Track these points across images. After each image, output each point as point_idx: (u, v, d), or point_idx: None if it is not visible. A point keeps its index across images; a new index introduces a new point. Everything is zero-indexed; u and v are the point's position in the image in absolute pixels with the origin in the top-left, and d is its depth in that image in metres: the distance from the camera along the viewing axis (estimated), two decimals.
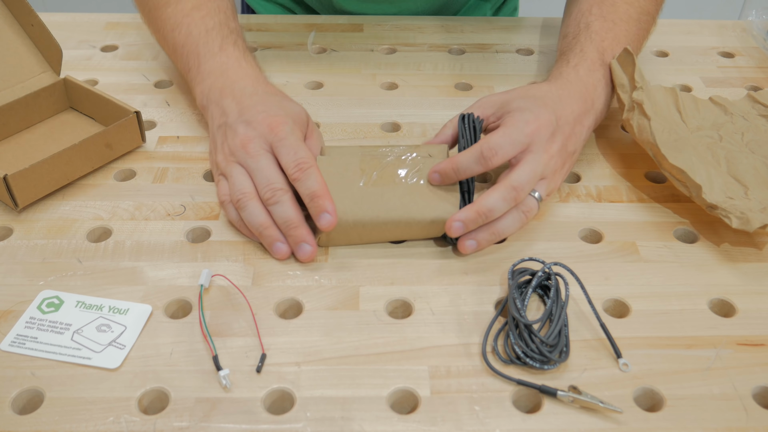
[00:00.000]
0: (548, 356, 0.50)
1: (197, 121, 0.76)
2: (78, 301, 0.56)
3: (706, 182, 0.62)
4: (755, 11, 0.95)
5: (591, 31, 0.73)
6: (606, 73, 0.70)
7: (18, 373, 0.50)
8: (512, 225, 0.60)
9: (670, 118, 0.71)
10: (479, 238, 0.59)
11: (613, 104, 0.74)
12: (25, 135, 0.72)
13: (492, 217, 0.58)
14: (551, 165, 0.61)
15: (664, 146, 0.64)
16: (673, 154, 0.64)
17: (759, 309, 0.57)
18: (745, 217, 0.58)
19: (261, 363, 0.51)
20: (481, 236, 0.59)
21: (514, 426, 0.48)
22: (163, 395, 0.50)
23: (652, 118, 0.66)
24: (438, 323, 0.55)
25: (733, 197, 0.62)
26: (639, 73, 0.69)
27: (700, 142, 0.69)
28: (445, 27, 0.95)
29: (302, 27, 0.94)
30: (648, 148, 0.66)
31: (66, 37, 0.90)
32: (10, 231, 0.62)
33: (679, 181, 0.63)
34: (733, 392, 0.50)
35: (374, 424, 0.48)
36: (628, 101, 0.69)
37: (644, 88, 0.69)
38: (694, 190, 0.62)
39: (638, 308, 0.56)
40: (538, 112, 0.61)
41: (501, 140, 0.59)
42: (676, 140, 0.67)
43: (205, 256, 0.60)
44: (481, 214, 0.57)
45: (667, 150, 0.64)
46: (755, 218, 0.58)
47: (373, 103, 0.80)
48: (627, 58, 0.71)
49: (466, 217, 0.57)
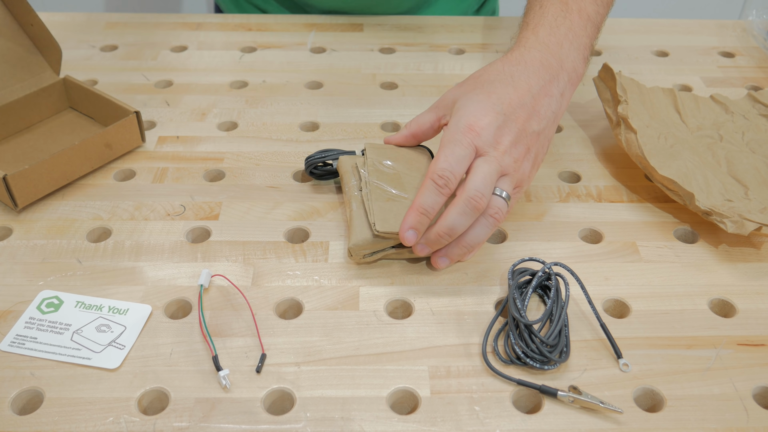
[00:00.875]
0: (548, 356, 0.50)
1: (197, 121, 0.76)
2: (78, 301, 0.56)
3: (702, 187, 0.62)
4: (755, 11, 0.95)
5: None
6: (573, 24, 0.65)
7: (17, 373, 0.50)
8: (482, 233, 0.57)
9: (668, 121, 0.71)
10: (451, 254, 0.57)
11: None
12: (25, 135, 0.72)
13: (456, 234, 0.55)
14: (507, 160, 0.57)
15: (655, 157, 0.64)
16: (666, 163, 0.64)
17: (759, 309, 0.56)
18: (740, 222, 0.59)
19: (261, 363, 0.51)
20: (452, 252, 0.57)
21: (514, 426, 0.48)
22: (162, 395, 0.49)
23: (639, 131, 0.66)
24: (438, 323, 0.55)
25: (732, 199, 0.62)
26: (621, 87, 0.69)
27: (699, 142, 0.69)
28: (445, 27, 0.95)
29: (302, 27, 0.94)
30: (637, 161, 0.66)
31: (65, 37, 0.90)
32: (9, 231, 0.62)
33: (672, 191, 0.63)
34: (733, 392, 0.50)
35: (374, 424, 0.48)
36: (615, 116, 0.69)
37: (630, 99, 0.69)
38: (687, 198, 0.62)
39: (638, 308, 0.56)
40: (478, 112, 0.57)
41: (445, 163, 0.55)
42: (672, 145, 0.67)
43: (204, 256, 0.60)
44: (443, 234, 0.55)
45: (659, 160, 0.64)
46: (750, 222, 0.58)
47: (373, 103, 0.80)
48: (607, 73, 0.71)
49: (428, 239, 0.56)
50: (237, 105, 0.79)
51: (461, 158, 0.55)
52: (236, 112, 0.78)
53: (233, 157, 0.71)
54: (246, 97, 0.81)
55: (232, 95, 0.81)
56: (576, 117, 0.78)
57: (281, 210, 0.65)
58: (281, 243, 0.61)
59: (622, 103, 0.68)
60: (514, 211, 0.65)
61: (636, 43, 0.93)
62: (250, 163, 0.70)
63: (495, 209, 0.56)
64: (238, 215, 0.64)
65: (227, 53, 0.89)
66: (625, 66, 0.88)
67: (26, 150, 0.70)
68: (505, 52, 0.65)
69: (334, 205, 0.65)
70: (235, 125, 0.76)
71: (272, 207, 0.65)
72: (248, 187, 0.68)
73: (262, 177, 0.69)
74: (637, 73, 0.86)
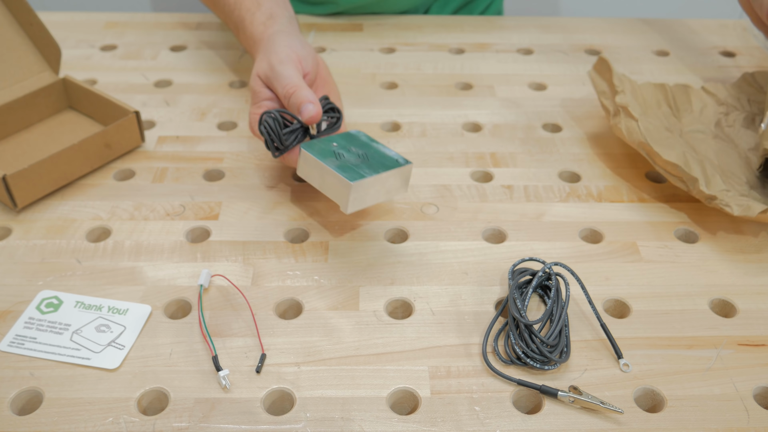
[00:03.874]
0: (549, 356, 0.50)
1: (197, 121, 0.76)
2: (77, 301, 0.55)
3: (702, 175, 0.62)
4: None
5: None
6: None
7: (17, 373, 0.50)
8: None
9: (661, 116, 0.71)
10: None
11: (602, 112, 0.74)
12: (24, 135, 0.72)
13: None
14: None
15: (656, 143, 0.64)
16: (666, 151, 0.64)
17: (759, 309, 0.56)
18: (746, 204, 0.58)
19: (261, 363, 0.51)
20: None
21: (514, 426, 0.48)
22: (162, 396, 0.49)
23: (639, 119, 0.66)
24: (438, 323, 0.55)
25: (729, 189, 0.62)
26: (618, 78, 0.69)
27: (692, 138, 0.69)
28: (445, 27, 0.95)
29: (302, 27, 0.94)
30: (640, 148, 0.66)
31: (65, 37, 0.90)
32: (9, 231, 0.62)
33: (675, 177, 0.63)
34: (733, 392, 0.50)
35: (374, 424, 0.47)
36: (612, 106, 0.69)
37: (626, 90, 0.69)
38: (690, 183, 0.62)
39: (639, 308, 0.56)
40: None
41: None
42: (667, 138, 0.67)
43: (204, 256, 0.60)
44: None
45: (660, 147, 0.64)
46: (756, 204, 0.58)
47: (373, 103, 0.80)
48: (603, 65, 0.71)
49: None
50: (237, 105, 0.79)
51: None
52: (236, 112, 0.78)
53: (233, 157, 0.71)
54: (246, 97, 0.80)
55: (232, 95, 0.81)
56: (573, 114, 0.78)
57: (281, 210, 0.65)
58: (281, 243, 0.61)
59: (620, 93, 0.68)
60: (514, 211, 0.65)
61: (636, 43, 0.93)
62: (249, 163, 0.70)
63: None
64: (238, 215, 0.64)
65: (227, 53, 0.89)
66: (625, 66, 0.88)
67: (26, 150, 0.70)
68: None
69: (334, 205, 0.65)
70: (235, 125, 0.76)
71: (272, 207, 0.65)
72: (248, 187, 0.67)
73: (262, 177, 0.69)
74: (637, 72, 0.86)
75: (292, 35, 0.69)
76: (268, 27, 0.70)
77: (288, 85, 0.63)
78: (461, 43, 0.91)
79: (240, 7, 0.73)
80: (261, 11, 0.72)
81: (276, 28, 0.70)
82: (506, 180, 0.69)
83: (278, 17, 0.71)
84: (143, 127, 0.71)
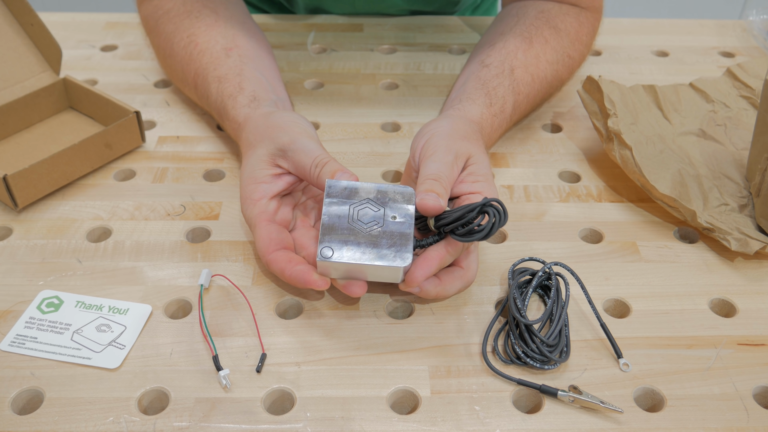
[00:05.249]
0: (548, 356, 0.50)
1: (197, 121, 0.76)
2: (78, 301, 0.56)
3: (698, 196, 0.63)
4: (755, 11, 0.95)
5: (515, 79, 0.70)
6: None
7: (17, 373, 0.50)
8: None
9: (652, 120, 0.70)
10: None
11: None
12: (25, 135, 0.72)
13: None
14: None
15: (652, 171, 0.64)
16: (661, 175, 0.63)
17: (759, 309, 0.56)
18: (744, 240, 0.59)
19: (261, 363, 0.51)
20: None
21: (514, 426, 0.48)
22: (162, 395, 0.49)
23: (633, 146, 0.65)
24: (438, 323, 0.55)
25: (728, 202, 0.62)
26: (608, 99, 0.68)
27: (685, 140, 0.69)
28: (445, 27, 0.95)
29: (302, 27, 0.94)
30: (635, 179, 0.65)
31: (65, 37, 0.90)
32: (9, 231, 0.62)
33: (673, 208, 0.63)
34: (733, 392, 0.50)
35: (374, 424, 0.48)
36: (605, 130, 0.68)
37: (616, 103, 0.68)
38: (688, 215, 0.62)
39: (638, 308, 0.56)
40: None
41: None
42: (662, 151, 0.67)
43: (204, 255, 0.60)
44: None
45: (655, 174, 0.63)
46: (754, 241, 0.58)
47: (373, 103, 0.80)
48: (592, 85, 0.70)
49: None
50: None
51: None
52: None
53: (233, 157, 0.71)
54: None
55: None
56: (572, 114, 0.78)
57: None
58: None
59: (612, 116, 0.67)
60: (515, 211, 0.65)
61: (636, 43, 0.93)
62: None
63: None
64: (238, 215, 0.64)
65: None
66: (625, 66, 0.88)
67: (26, 150, 0.70)
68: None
69: None
70: None
71: None
72: None
73: None
74: (637, 73, 0.86)
75: (283, 112, 0.64)
76: (254, 109, 0.65)
77: (318, 156, 0.55)
78: (461, 44, 0.91)
79: (222, 94, 0.68)
80: (243, 95, 0.67)
81: (262, 110, 0.64)
82: (506, 180, 0.69)
83: (262, 100, 0.66)
84: (143, 128, 0.71)
